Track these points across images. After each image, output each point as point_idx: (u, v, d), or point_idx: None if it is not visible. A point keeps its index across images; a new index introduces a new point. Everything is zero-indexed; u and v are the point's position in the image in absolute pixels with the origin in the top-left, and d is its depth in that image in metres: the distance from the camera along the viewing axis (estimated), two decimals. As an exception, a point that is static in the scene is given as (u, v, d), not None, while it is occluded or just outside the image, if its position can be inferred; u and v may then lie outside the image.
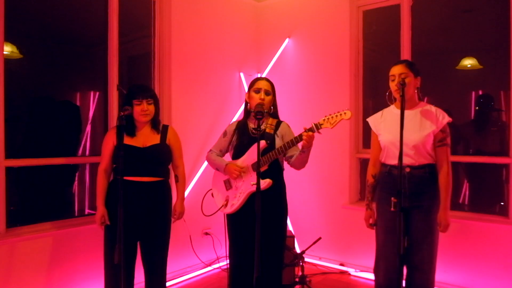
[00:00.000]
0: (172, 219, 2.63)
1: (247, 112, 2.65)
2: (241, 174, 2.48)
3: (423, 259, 2.35)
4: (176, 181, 2.67)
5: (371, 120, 2.59)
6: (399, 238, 2.05)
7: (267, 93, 2.53)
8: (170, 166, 2.66)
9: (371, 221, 2.56)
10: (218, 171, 2.64)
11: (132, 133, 2.50)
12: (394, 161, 2.40)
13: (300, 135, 2.32)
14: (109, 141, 2.53)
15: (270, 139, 2.48)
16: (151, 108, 2.48)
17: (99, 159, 2.57)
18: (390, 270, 2.41)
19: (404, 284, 2.36)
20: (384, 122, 2.50)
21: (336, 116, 2.29)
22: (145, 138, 2.52)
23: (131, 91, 2.48)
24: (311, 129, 2.29)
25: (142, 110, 2.44)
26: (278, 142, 2.49)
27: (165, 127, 2.62)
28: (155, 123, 2.56)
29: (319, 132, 2.30)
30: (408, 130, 2.31)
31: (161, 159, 2.54)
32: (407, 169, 2.34)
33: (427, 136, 2.33)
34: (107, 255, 2.49)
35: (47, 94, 3.21)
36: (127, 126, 2.48)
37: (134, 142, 2.48)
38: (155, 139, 2.53)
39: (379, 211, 2.51)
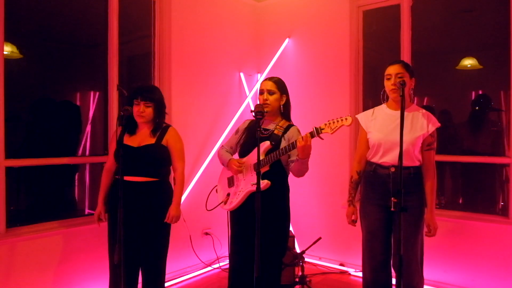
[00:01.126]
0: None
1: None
2: (240, 169, 2.47)
3: (408, 259, 2.34)
4: (174, 183, 2.64)
5: (361, 116, 2.59)
6: (398, 239, 2.05)
7: (270, 92, 2.50)
8: (171, 167, 2.65)
9: (353, 217, 2.57)
10: (224, 167, 2.66)
11: (132, 132, 2.50)
12: (381, 160, 2.42)
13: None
14: (114, 140, 2.53)
15: (276, 140, 2.46)
16: (148, 111, 2.45)
17: (100, 159, 2.58)
18: (376, 269, 2.44)
19: (393, 282, 2.37)
20: (375, 121, 2.50)
21: (338, 121, 2.27)
22: (142, 138, 2.52)
23: (134, 90, 2.49)
24: (311, 133, 2.28)
25: (138, 111, 2.44)
26: (284, 145, 2.47)
27: (165, 128, 2.58)
28: (155, 127, 2.53)
29: (320, 138, 2.29)
30: (398, 131, 2.31)
31: (154, 159, 2.49)
32: (392, 169, 2.35)
33: (417, 139, 2.34)
34: (109, 255, 2.52)
35: (47, 94, 3.21)
36: (129, 123, 2.49)
37: (131, 141, 2.48)
38: (152, 139, 2.52)
39: (364, 210, 2.52)
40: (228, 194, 2.58)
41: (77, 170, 3.40)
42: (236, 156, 2.69)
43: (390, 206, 2.18)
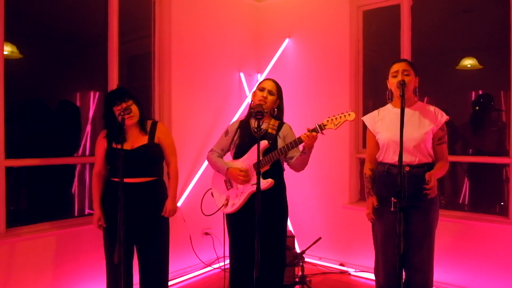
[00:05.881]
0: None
1: (250, 111, 2.65)
2: (246, 178, 2.46)
3: (423, 260, 2.34)
4: (168, 178, 2.65)
5: (367, 119, 2.57)
6: (398, 239, 2.04)
7: (270, 93, 2.54)
8: (164, 163, 2.65)
9: (375, 204, 2.44)
10: (219, 173, 2.64)
11: (123, 139, 2.43)
12: (393, 160, 2.39)
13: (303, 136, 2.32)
14: (101, 146, 2.53)
15: (272, 139, 2.48)
16: (133, 108, 2.43)
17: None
18: (390, 272, 2.40)
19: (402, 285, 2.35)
20: (382, 121, 2.49)
21: (340, 117, 2.28)
22: (134, 139, 2.50)
23: (107, 100, 2.46)
24: (314, 130, 2.29)
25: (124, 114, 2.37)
26: (280, 143, 2.49)
27: (154, 125, 2.58)
28: (141, 123, 2.53)
29: (322, 133, 2.30)
30: (408, 129, 2.31)
31: (149, 159, 2.51)
32: (407, 168, 2.33)
33: (427, 134, 2.33)
34: (106, 256, 2.52)
35: (47, 94, 3.21)
36: (117, 133, 2.43)
37: (124, 144, 2.42)
38: (143, 139, 2.51)
39: (378, 212, 2.50)
40: (227, 197, 2.57)
41: (77, 170, 3.40)
42: (228, 156, 2.67)
43: (404, 207, 2.08)
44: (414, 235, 2.33)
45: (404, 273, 2.38)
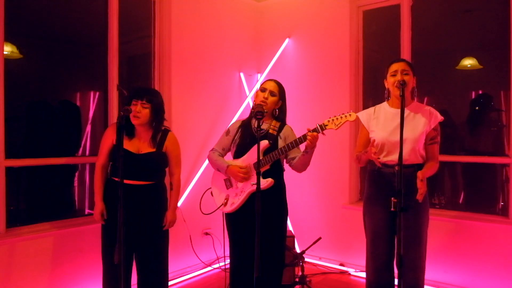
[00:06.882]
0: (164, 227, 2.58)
1: (252, 111, 2.65)
2: (246, 176, 2.47)
3: (414, 258, 2.34)
4: (171, 188, 2.62)
5: (362, 115, 2.57)
6: (399, 238, 2.04)
7: (272, 93, 2.52)
8: (167, 169, 2.63)
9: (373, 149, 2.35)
10: (219, 171, 2.64)
11: (130, 134, 2.46)
12: (386, 159, 2.40)
13: (304, 136, 2.31)
14: (109, 138, 2.50)
15: (273, 139, 2.48)
16: (144, 112, 2.39)
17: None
18: (380, 269, 2.43)
19: (395, 283, 2.36)
20: (377, 119, 2.49)
21: (341, 117, 2.29)
22: (142, 143, 2.47)
23: (133, 91, 2.46)
24: (315, 130, 2.29)
25: (134, 111, 2.37)
26: (281, 144, 2.49)
27: (165, 133, 2.55)
28: (154, 133, 2.48)
29: (323, 134, 2.30)
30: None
31: (154, 167, 2.49)
32: (397, 168, 2.34)
33: (420, 135, 2.34)
34: (103, 256, 2.49)
35: (47, 94, 3.21)
36: (127, 126, 2.43)
37: (130, 146, 2.43)
38: (152, 147, 2.47)
39: (368, 211, 2.51)
40: (227, 196, 2.57)
41: (77, 170, 3.41)
42: (229, 156, 2.67)
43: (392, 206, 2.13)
44: (405, 234, 2.32)
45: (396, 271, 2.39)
